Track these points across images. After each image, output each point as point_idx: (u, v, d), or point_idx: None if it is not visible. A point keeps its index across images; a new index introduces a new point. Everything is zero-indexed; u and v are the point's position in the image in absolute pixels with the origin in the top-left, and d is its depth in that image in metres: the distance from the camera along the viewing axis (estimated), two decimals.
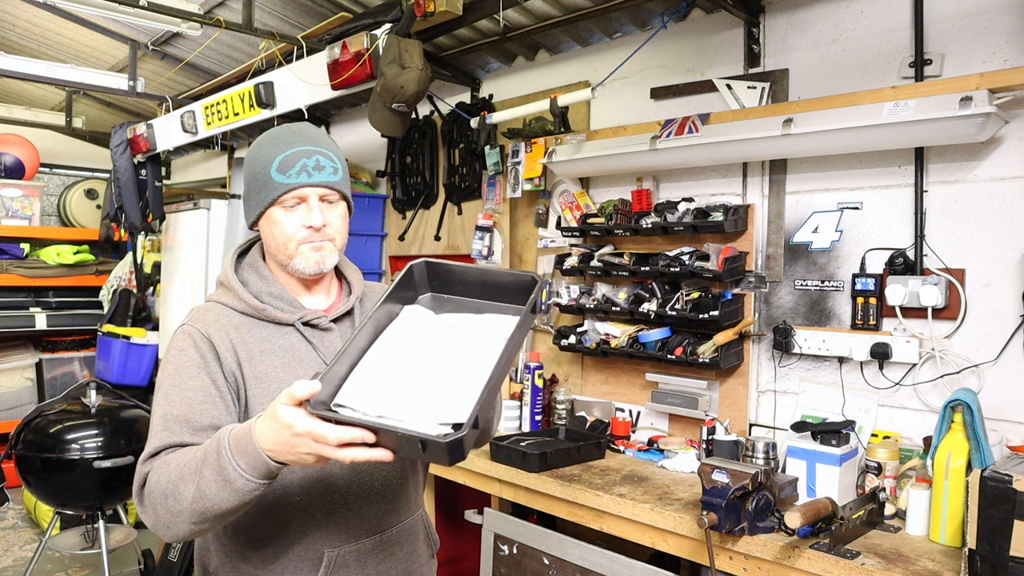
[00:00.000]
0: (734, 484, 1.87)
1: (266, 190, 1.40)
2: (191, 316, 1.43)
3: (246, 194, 1.44)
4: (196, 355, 1.35)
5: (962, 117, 2.02)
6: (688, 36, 2.90)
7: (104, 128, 5.46)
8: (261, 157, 1.41)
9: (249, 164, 1.44)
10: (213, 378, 1.34)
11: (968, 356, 2.19)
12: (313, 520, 1.38)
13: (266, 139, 1.44)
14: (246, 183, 1.44)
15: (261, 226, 1.45)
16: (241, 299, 1.42)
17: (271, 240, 1.43)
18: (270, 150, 1.41)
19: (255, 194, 1.42)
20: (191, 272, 4.42)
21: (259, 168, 1.41)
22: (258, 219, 1.44)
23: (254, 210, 1.43)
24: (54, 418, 3.30)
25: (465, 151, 3.76)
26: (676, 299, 2.69)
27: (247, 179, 1.44)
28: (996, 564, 1.60)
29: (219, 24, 3.12)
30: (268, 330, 1.42)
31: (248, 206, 1.45)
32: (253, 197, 1.43)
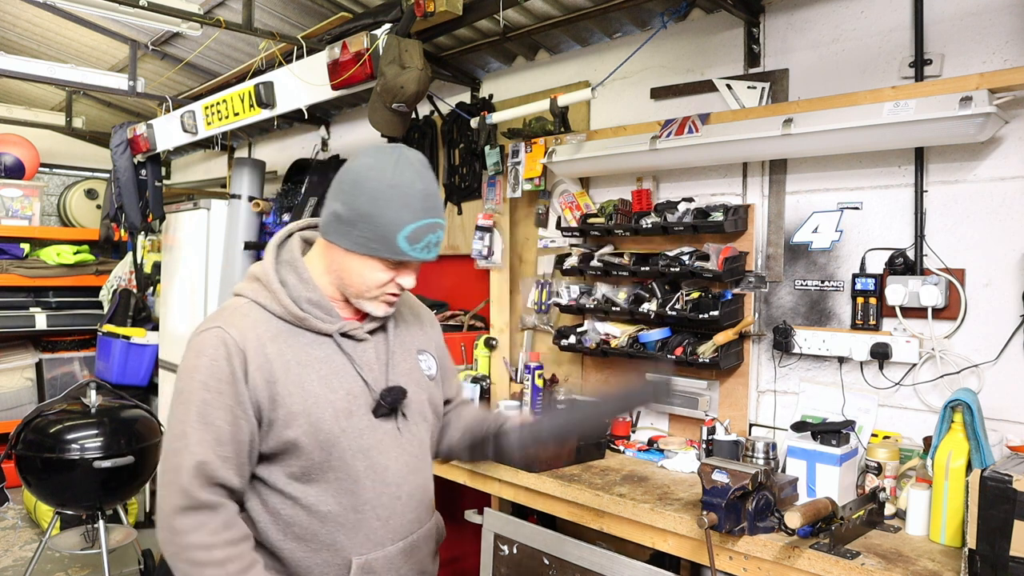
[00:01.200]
0: (734, 484, 1.87)
1: (385, 248, 1.36)
2: (227, 318, 1.38)
3: (350, 222, 1.35)
4: (227, 369, 1.32)
5: (962, 117, 2.02)
6: (688, 36, 2.90)
7: (104, 128, 5.46)
8: (392, 213, 1.34)
9: (372, 207, 1.34)
10: (239, 399, 1.33)
11: (968, 356, 2.19)
12: (343, 529, 1.40)
13: (398, 193, 1.34)
14: (357, 215, 1.35)
15: (346, 257, 1.39)
16: (281, 304, 1.39)
17: (352, 276, 1.40)
18: (402, 212, 1.34)
19: (367, 239, 1.36)
20: (191, 272, 4.42)
21: (385, 224, 1.34)
22: (336, 244, 1.39)
23: (354, 245, 1.37)
24: (54, 418, 3.30)
25: (465, 151, 3.75)
26: (676, 299, 2.69)
27: (362, 212, 1.34)
28: (996, 564, 1.60)
29: (219, 24, 3.12)
30: (306, 339, 1.40)
31: (347, 236, 1.37)
32: (362, 238, 1.36)
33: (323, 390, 1.38)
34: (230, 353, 1.33)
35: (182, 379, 1.35)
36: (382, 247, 1.36)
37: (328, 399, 1.38)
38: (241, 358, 1.33)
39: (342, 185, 1.38)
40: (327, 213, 1.39)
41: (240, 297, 1.43)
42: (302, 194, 3.95)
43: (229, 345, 1.33)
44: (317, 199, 3.86)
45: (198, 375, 1.32)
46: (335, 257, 1.41)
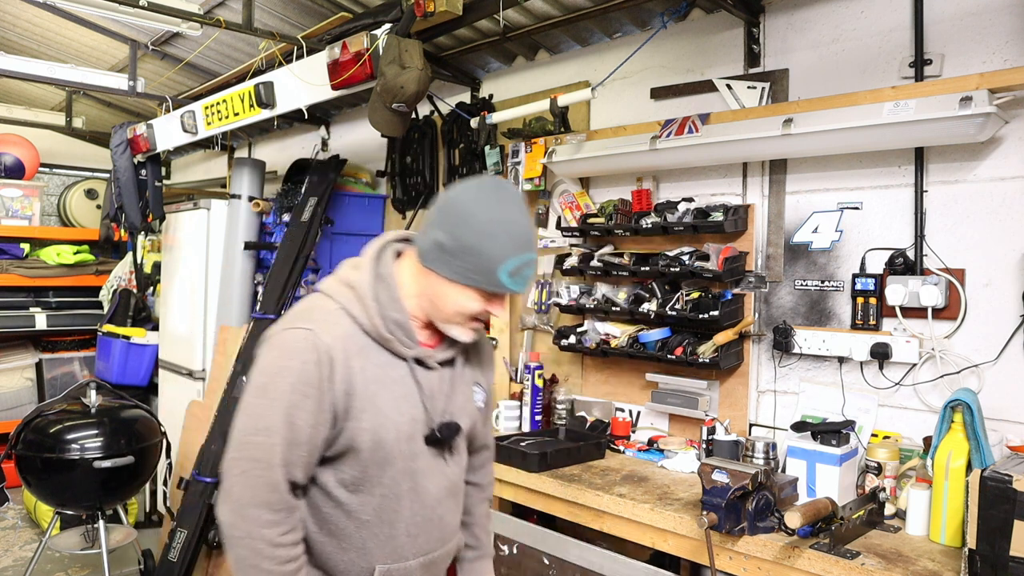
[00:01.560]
0: (734, 484, 1.87)
1: (486, 280, 1.39)
2: (319, 321, 1.40)
3: (453, 253, 1.38)
4: (316, 374, 1.36)
5: (962, 117, 2.02)
6: (688, 36, 2.90)
7: (104, 128, 5.46)
8: (497, 248, 1.37)
9: (477, 240, 1.36)
10: (322, 404, 1.37)
11: (968, 356, 2.19)
12: (375, 538, 1.46)
13: (504, 229, 1.37)
14: (461, 247, 1.37)
15: (443, 284, 1.41)
16: (371, 321, 1.42)
17: (446, 303, 1.43)
18: (506, 247, 1.37)
19: (469, 271, 1.38)
20: (191, 272, 4.42)
21: (489, 258, 1.37)
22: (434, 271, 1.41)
23: (455, 275, 1.39)
24: (54, 418, 3.30)
25: (465, 151, 3.75)
26: (676, 299, 2.69)
27: (467, 244, 1.37)
28: (996, 564, 1.60)
29: (219, 24, 3.12)
30: (384, 358, 1.44)
31: (449, 265, 1.39)
32: (463, 269, 1.38)
33: (392, 411, 1.43)
34: (320, 360, 1.36)
35: (269, 374, 1.37)
36: (483, 279, 1.39)
37: (394, 420, 1.44)
38: (329, 366, 1.37)
39: (446, 216, 1.40)
40: (429, 241, 1.41)
41: (330, 300, 1.45)
42: (302, 194, 3.95)
43: (320, 351, 1.36)
44: (317, 199, 3.86)
45: (288, 376, 1.35)
46: (431, 283, 1.43)
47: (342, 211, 4.11)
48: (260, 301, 3.76)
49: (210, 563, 3.51)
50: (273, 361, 1.39)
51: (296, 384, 1.35)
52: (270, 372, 1.38)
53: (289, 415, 1.34)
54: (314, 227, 3.80)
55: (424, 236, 1.43)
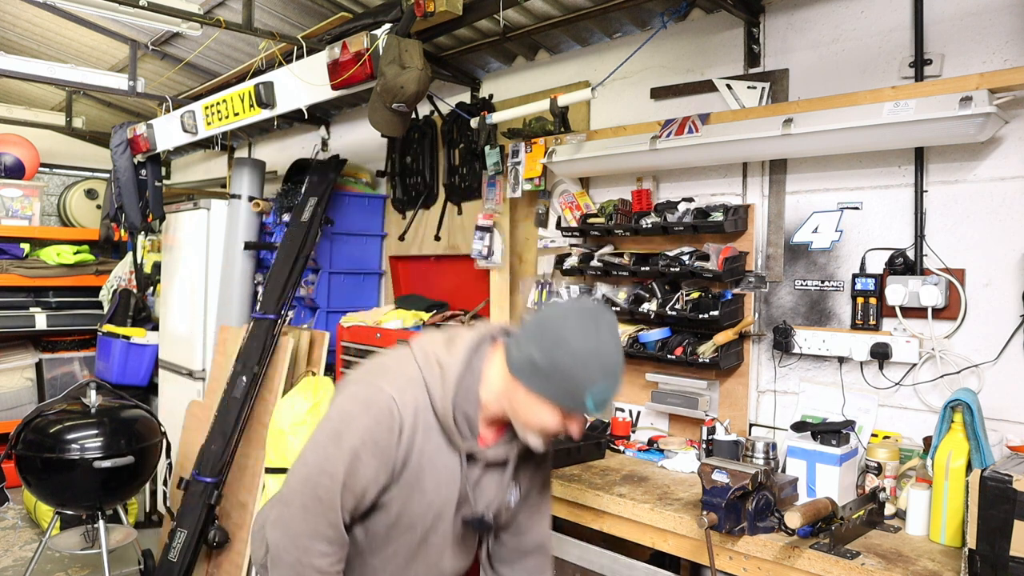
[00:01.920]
0: (734, 484, 1.87)
1: (572, 403, 1.44)
2: (401, 389, 1.47)
3: (545, 373, 1.43)
4: (387, 438, 1.45)
5: (962, 117, 2.02)
6: (688, 36, 2.90)
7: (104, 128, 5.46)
8: (588, 377, 1.41)
9: (572, 366, 1.41)
10: (384, 464, 1.46)
11: (968, 356, 2.19)
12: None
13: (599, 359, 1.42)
14: (555, 369, 1.42)
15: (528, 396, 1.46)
16: (443, 406, 1.49)
17: (527, 414, 1.48)
18: (597, 376, 1.42)
19: (557, 391, 1.44)
20: (191, 272, 4.42)
21: (580, 384, 1.42)
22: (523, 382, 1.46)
23: (542, 392, 1.45)
24: (54, 418, 3.30)
25: (465, 151, 3.75)
26: (676, 299, 2.69)
27: (560, 367, 1.42)
28: (996, 564, 1.60)
29: (219, 24, 3.12)
30: (442, 441, 1.52)
31: (537, 382, 1.44)
32: (552, 389, 1.44)
33: (431, 491, 1.53)
34: (393, 427, 1.45)
35: (345, 423, 1.46)
36: (570, 402, 1.44)
37: (430, 499, 1.54)
38: (399, 434, 1.46)
39: (543, 335, 1.45)
40: (523, 356, 1.46)
41: (418, 369, 1.51)
42: (302, 194, 3.95)
43: (396, 419, 1.45)
44: (317, 199, 3.86)
45: (363, 432, 1.45)
46: (517, 392, 1.48)
47: (342, 211, 4.11)
48: (260, 301, 3.76)
49: (210, 563, 3.51)
50: (353, 412, 1.47)
51: (368, 441, 1.44)
52: (347, 421, 1.47)
53: (354, 467, 1.44)
54: (314, 227, 3.80)
55: (517, 347, 1.48)
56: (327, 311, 4.15)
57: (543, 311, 1.50)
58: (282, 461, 3.36)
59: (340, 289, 4.22)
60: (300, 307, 4.33)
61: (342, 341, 3.82)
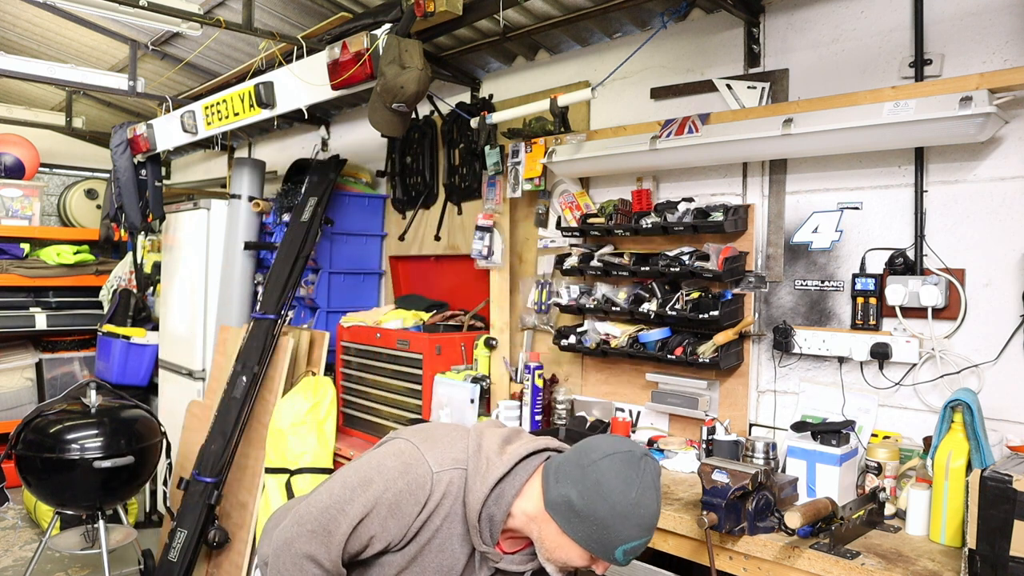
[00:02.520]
0: (734, 484, 1.87)
1: (602, 551, 1.45)
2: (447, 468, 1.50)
3: (581, 517, 1.44)
4: (411, 508, 1.48)
5: (962, 117, 2.02)
6: (688, 36, 2.90)
7: (104, 128, 5.46)
8: (625, 530, 1.43)
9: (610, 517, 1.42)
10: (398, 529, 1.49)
11: (968, 356, 2.19)
12: None
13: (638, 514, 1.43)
14: (592, 516, 1.43)
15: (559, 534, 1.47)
16: (474, 503, 1.49)
17: (555, 549, 1.49)
18: (633, 531, 1.43)
19: (590, 537, 1.45)
20: (191, 272, 4.42)
21: (615, 536, 1.43)
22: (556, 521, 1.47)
23: (574, 534, 1.46)
24: (54, 418, 3.30)
25: (465, 151, 3.75)
26: (676, 299, 2.69)
27: (598, 517, 1.42)
28: (996, 564, 1.60)
29: (219, 24, 3.12)
30: (460, 531, 1.53)
31: (572, 524, 1.45)
32: (584, 534, 1.45)
33: (431, 572, 1.54)
34: (421, 499, 1.48)
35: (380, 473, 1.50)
36: (600, 549, 1.45)
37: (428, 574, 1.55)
38: (422, 508, 1.48)
39: (586, 480, 1.45)
40: (561, 494, 1.46)
41: (466, 454, 1.53)
42: (302, 194, 3.96)
43: (426, 493, 1.48)
44: (317, 199, 3.86)
45: (392, 491, 1.48)
46: (548, 525, 1.49)
47: (342, 211, 4.11)
48: (260, 301, 3.76)
49: (210, 563, 3.51)
50: (391, 469, 1.50)
51: (392, 502, 1.48)
52: (382, 475, 1.50)
53: (369, 518, 1.47)
54: (314, 227, 3.80)
55: (556, 482, 1.48)
56: (327, 311, 4.15)
57: (589, 447, 1.49)
58: (282, 461, 3.36)
59: (340, 289, 4.22)
60: (300, 307, 4.33)
61: (342, 341, 3.83)
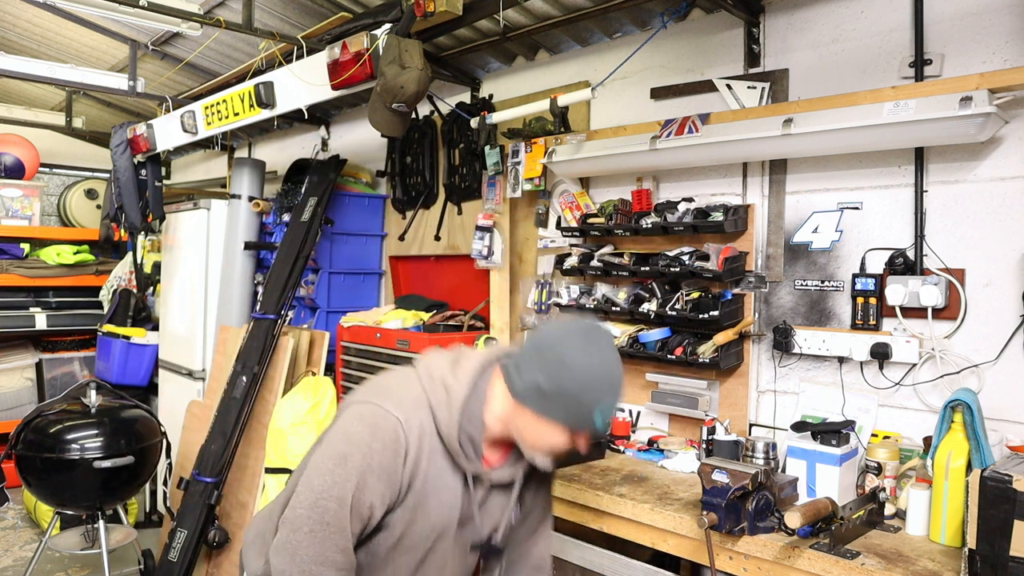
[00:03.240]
0: (734, 484, 1.87)
1: (580, 422, 1.46)
2: (407, 411, 1.46)
3: (552, 396, 1.44)
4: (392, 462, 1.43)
5: (962, 117, 2.02)
6: (688, 36, 2.90)
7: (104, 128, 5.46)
8: (595, 395, 1.44)
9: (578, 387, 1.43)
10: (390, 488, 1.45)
11: (968, 356, 2.19)
12: None
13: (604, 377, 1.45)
14: (561, 391, 1.44)
15: (535, 420, 1.47)
16: (449, 428, 1.48)
17: (535, 437, 1.49)
18: (603, 393, 1.45)
19: (565, 413, 1.45)
20: (191, 272, 4.42)
21: (587, 403, 1.44)
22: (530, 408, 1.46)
23: (549, 415, 1.45)
24: (54, 418, 3.30)
25: (465, 151, 3.75)
26: (676, 299, 2.69)
27: (567, 390, 1.43)
28: (996, 564, 1.60)
29: (219, 24, 3.12)
30: (446, 464, 1.51)
31: (544, 406, 1.45)
32: (559, 411, 1.45)
33: (435, 513, 1.52)
34: (399, 450, 1.44)
35: (352, 446, 1.43)
36: (577, 421, 1.46)
37: (433, 521, 1.53)
38: (404, 458, 1.44)
39: (546, 360, 1.45)
40: (527, 382, 1.46)
41: (422, 391, 1.50)
42: (302, 194, 3.96)
43: (403, 443, 1.44)
44: (317, 199, 3.86)
45: (370, 456, 1.42)
46: (523, 416, 1.48)
47: (342, 211, 4.11)
48: (260, 301, 3.76)
49: (210, 563, 3.51)
50: (359, 435, 1.44)
51: (374, 466, 1.42)
52: (353, 445, 1.43)
53: (361, 491, 1.42)
54: (314, 227, 3.80)
55: (519, 373, 1.47)
56: (327, 311, 4.15)
57: (541, 334, 1.50)
58: (282, 461, 3.36)
59: (340, 289, 4.22)
60: (300, 307, 4.33)
61: (342, 341, 3.83)
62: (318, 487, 1.42)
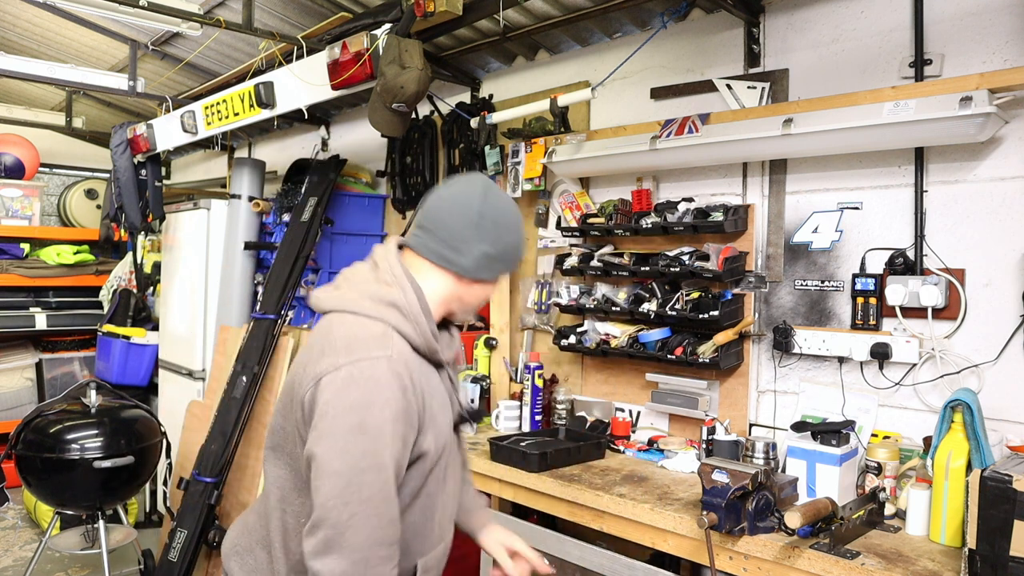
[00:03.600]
0: (734, 484, 1.87)
1: (515, 264, 1.55)
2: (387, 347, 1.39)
3: (499, 257, 1.49)
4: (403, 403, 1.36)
5: (962, 117, 2.02)
6: (688, 36, 2.90)
7: (104, 128, 5.46)
8: (521, 235, 1.53)
9: (515, 238, 1.51)
10: (412, 429, 1.39)
11: (968, 356, 2.19)
12: (416, 536, 1.50)
13: (517, 218, 1.53)
14: (506, 249, 1.49)
15: (479, 286, 1.51)
16: (423, 336, 1.45)
17: (475, 299, 1.53)
18: (519, 231, 1.53)
19: (508, 264, 1.52)
20: (191, 272, 4.42)
21: (520, 246, 1.53)
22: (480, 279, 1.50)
23: (495, 274, 1.51)
24: (54, 418, 3.30)
25: (465, 151, 3.75)
26: (676, 299, 2.69)
27: (509, 244, 1.50)
28: (996, 564, 1.60)
29: (219, 24, 3.12)
30: (428, 368, 1.48)
31: (493, 269, 1.50)
32: (503, 266, 1.51)
33: (441, 418, 1.49)
34: (404, 385, 1.37)
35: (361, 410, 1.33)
36: (513, 264, 1.55)
37: (443, 426, 1.50)
38: (410, 390, 1.38)
39: (484, 230, 1.47)
40: (475, 257, 1.47)
41: (376, 322, 1.42)
42: (302, 194, 3.96)
43: (403, 378, 1.37)
44: (317, 199, 3.86)
45: (384, 409, 1.34)
46: (469, 288, 1.51)
47: (342, 211, 4.11)
48: (260, 301, 3.76)
49: (210, 563, 3.51)
50: (362, 397, 1.34)
51: (393, 416, 1.34)
52: (362, 407, 1.33)
53: (394, 447, 1.34)
54: (314, 227, 3.80)
55: (462, 255, 1.47)
56: None
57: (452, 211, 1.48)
58: None
59: None
60: (300, 307, 4.33)
61: None
62: (348, 469, 1.31)
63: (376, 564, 1.31)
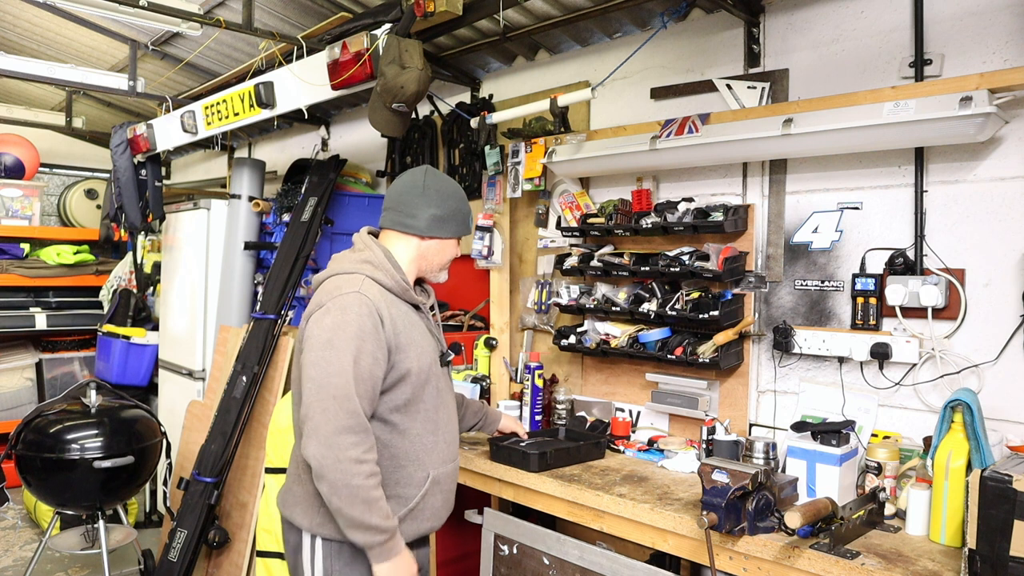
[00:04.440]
0: (734, 484, 1.87)
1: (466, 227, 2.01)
2: (359, 286, 1.79)
3: (447, 218, 1.95)
4: (370, 322, 1.75)
5: (962, 117, 2.02)
6: (688, 36, 2.90)
7: (104, 128, 5.46)
8: (466, 204, 2.01)
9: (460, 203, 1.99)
10: (379, 345, 1.76)
11: (968, 356, 2.19)
12: (424, 448, 1.88)
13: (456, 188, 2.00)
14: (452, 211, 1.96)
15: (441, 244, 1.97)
16: (394, 279, 1.87)
17: (440, 257, 1.99)
18: (460, 198, 1.99)
19: (458, 224, 1.98)
20: (191, 272, 4.42)
21: (466, 211, 2.01)
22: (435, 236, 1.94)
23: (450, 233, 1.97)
24: (54, 418, 3.30)
25: (465, 151, 3.75)
26: (676, 299, 2.69)
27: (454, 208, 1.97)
28: (996, 564, 1.60)
29: (219, 24, 3.12)
30: (405, 307, 1.89)
31: (446, 228, 1.96)
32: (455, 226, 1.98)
33: (422, 342, 1.88)
34: (371, 312, 1.76)
35: (331, 331, 1.73)
36: (465, 227, 2.01)
37: (425, 349, 1.89)
38: (378, 315, 1.77)
39: (429, 196, 1.94)
40: (426, 219, 1.93)
41: (353, 275, 1.83)
42: (302, 194, 3.95)
43: (370, 305, 1.77)
44: (317, 199, 3.86)
45: (349, 328, 1.73)
46: (430, 248, 1.96)
47: (342, 211, 4.11)
48: (260, 301, 3.76)
49: (210, 563, 3.51)
50: (333, 321, 1.74)
51: (357, 332, 1.72)
52: (332, 329, 1.73)
53: (355, 357, 1.71)
54: (314, 227, 3.80)
55: (416, 219, 1.92)
56: None
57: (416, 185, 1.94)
58: (282, 461, 3.35)
59: None
60: (300, 307, 4.32)
61: None
62: (317, 376, 1.70)
63: (345, 448, 1.67)
